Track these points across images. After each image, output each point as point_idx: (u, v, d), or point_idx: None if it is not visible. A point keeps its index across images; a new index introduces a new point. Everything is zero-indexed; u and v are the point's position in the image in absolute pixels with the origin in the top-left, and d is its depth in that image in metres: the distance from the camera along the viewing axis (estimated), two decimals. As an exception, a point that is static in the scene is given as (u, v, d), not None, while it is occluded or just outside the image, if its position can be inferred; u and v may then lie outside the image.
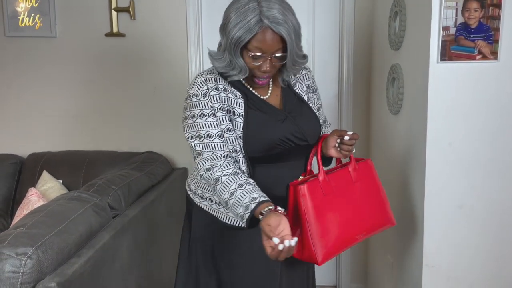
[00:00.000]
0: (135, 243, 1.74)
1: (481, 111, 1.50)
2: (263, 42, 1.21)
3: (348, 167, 1.40)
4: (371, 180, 1.43)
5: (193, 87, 1.31)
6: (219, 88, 1.31)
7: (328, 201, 1.32)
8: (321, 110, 1.53)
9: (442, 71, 1.48)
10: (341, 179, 1.37)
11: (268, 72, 1.28)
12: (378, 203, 1.43)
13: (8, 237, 1.19)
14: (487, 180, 1.53)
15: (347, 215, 1.34)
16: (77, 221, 1.41)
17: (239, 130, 1.31)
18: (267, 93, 1.39)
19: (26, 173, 2.41)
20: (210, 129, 1.28)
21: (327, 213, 1.30)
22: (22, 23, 2.51)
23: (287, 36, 1.21)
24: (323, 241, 1.27)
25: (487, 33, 1.46)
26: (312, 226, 1.26)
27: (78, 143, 2.58)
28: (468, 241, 1.56)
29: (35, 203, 2.01)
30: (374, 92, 2.30)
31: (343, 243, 1.33)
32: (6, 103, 2.60)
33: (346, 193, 1.36)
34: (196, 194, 1.43)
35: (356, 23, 2.39)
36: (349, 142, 1.32)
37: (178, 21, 2.46)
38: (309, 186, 1.28)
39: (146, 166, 2.21)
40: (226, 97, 1.31)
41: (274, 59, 1.25)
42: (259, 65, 1.25)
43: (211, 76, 1.32)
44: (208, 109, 1.28)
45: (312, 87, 1.50)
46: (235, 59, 1.25)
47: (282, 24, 1.19)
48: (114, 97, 2.55)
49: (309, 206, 1.27)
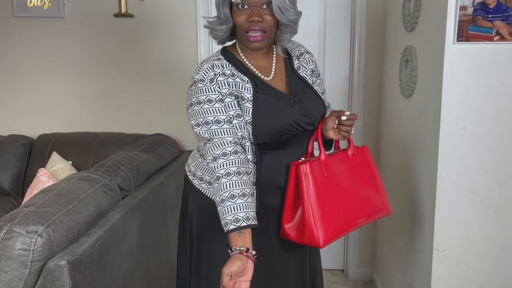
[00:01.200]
0: (144, 223, 1.75)
1: (497, 94, 1.46)
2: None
3: (347, 151, 1.39)
4: (368, 166, 1.42)
5: (199, 73, 1.28)
6: (226, 74, 1.29)
7: (329, 182, 1.30)
8: (324, 95, 1.50)
9: (458, 52, 1.44)
10: (341, 162, 1.36)
11: (257, 23, 1.25)
12: (376, 190, 1.41)
13: (19, 215, 1.19)
14: (500, 165, 1.50)
15: (347, 198, 1.33)
16: (87, 201, 1.42)
17: (248, 115, 1.27)
18: (270, 74, 1.36)
19: (36, 154, 2.43)
20: (218, 114, 1.23)
21: (329, 194, 1.29)
22: (30, 3, 2.49)
23: None
24: (325, 223, 1.26)
25: (506, 13, 1.41)
26: (314, 206, 1.25)
27: (88, 125, 2.58)
28: (480, 226, 1.54)
29: (45, 183, 2.02)
30: (386, 74, 2.26)
31: (344, 226, 1.31)
32: (15, 84, 2.60)
33: (347, 176, 1.35)
34: (196, 176, 1.41)
35: (369, 4, 2.34)
36: (347, 122, 1.29)
37: (187, 2, 2.42)
38: (311, 165, 1.27)
39: (154, 148, 2.21)
40: (234, 82, 1.29)
41: (263, 9, 1.24)
42: (247, 15, 1.25)
43: (217, 62, 1.30)
44: (215, 94, 1.25)
45: (315, 71, 1.46)
46: (220, 10, 1.27)
47: None
48: (123, 78, 2.54)
49: (311, 185, 1.26)
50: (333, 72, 2.46)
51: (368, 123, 2.43)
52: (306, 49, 1.47)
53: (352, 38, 2.41)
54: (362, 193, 1.37)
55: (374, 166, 1.44)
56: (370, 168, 1.42)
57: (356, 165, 1.38)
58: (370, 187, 1.40)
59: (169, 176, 2.10)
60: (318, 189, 1.27)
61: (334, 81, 2.45)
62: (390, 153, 2.17)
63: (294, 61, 1.40)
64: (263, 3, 1.24)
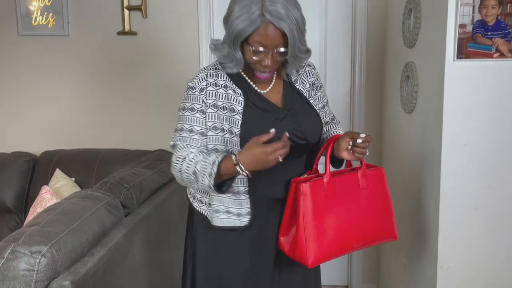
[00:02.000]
0: (147, 241, 1.75)
1: (498, 110, 1.47)
2: (265, 36, 1.19)
3: (358, 173, 1.35)
4: (380, 190, 1.38)
5: (194, 80, 1.32)
6: (219, 84, 1.31)
7: (329, 203, 1.29)
8: (326, 107, 1.50)
9: (458, 69, 1.45)
10: (347, 184, 1.33)
11: (269, 67, 1.26)
12: (384, 215, 1.38)
13: (23, 235, 1.20)
14: (503, 181, 1.50)
15: (347, 221, 1.30)
16: (90, 220, 1.42)
17: (236, 128, 1.28)
18: (267, 87, 1.36)
19: (39, 171, 2.44)
20: (194, 124, 1.29)
21: (326, 216, 1.28)
22: (35, 21, 2.53)
23: (289, 31, 1.18)
24: (317, 244, 1.25)
25: (505, 30, 1.43)
26: (308, 227, 1.24)
27: (91, 141, 2.59)
28: (484, 243, 1.53)
29: (48, 201, 2.02)
30: (388, 90, 2.27)
31: (338, 249, 1.30)
32: (19, 101, 2.63)
33: (350, 199, 1.33)
34: (195, 198, 1.42)
35: (369, 20, 2.36)
36: (362, 145, 1.28)
37: (189, 20, 2.45)
38: (312, 185, 1.26)
39: (157, 164, 2.21)
40: (225, 94, 1.30)
41: (276, 54, 1.23)
42: (261, 60, 1.24)
43: (213, 71, 1.33)
44: (199, 104, 1.29)
45: (316, 84, 1.45)
46: (233, 51, 1.24)
47: (284, 20, 1.17)
48: (126, 95, 2.56)
49: (308, 206, 1.25)
50: (334, 87, 2.48)
51: (370, 138, 2.44)
52: (308, 61, 1.46)
53: (353, 53, 2.43)
54: (365, 217, 1.34)
55: (386, 190, 1.40)
56: (382, 191, 1.38)
57: (366, 187, 1.35)
58: (376, 211, 1.36)
59: (172, 193, 2.10)
60: (315, 209, 1.26)
61: (336, 96, 2.47)
62: (392, 169, 2.17)
63: (292, 75, 1.40)
64: (278, 45, 1.21)
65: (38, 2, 2.51)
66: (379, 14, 2.34)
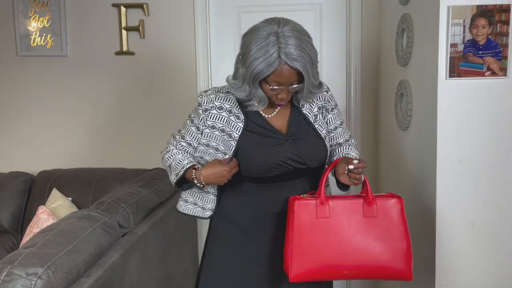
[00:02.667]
0: (144, 261, 1.74)
1: (491, 127, 1.49)
2: (281, 76, 1.24)
3: (362, 200, 1.33)
4: (394, 222, 1.30)
5: (203, 98, 1.40)
6: (224, 108, 1.38)
7: (320, 224, 1.29)
8: (340, 129, 1.50)
9: (451, 87, 1.48)
10: (346, 208, 1.31)
11: (285, 100, 1.33)
12: (396, 250, 1.29)
13: (19, 257, 1.19)
14: (498, 197, 1.51)
15: (338, 246, 1.28)
16: (86, 240, 1.42)
17: (230, 151, 1.38)
18: (273, 111, 1.41)
19: (36, 190, 2.43)
20: (187, 134, 1.44)
21: (315, 236, 1.29)
22: (34, 42, 2.56)
23: (304, 70, 1.24)
24: (301, 261, 1.28)
25: (496, 49, 1.46)
26: (294, 242, 1.29)
27: (88, 160, 2.60)
28: (481, 259, 1.53)
29: (45, 221, 2.01)
30: (383, 107, 2.30)
31: (325, 271, 1.29)
32: (17, 121, 2.64)
33: (350, 224, 1.30)
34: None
35: (363, 39, 2.40)
36: (355, 170, 1.29)
37: (187, 40, 2.49)
38: (303, 203, 1.31)
39: (154, 183, 2.21)
40: (227, 119, 1.38)
41: (291, 88, 1.29)
42: (276, 94, 1.30)
43: (223, 94, 1.39)
44: (198, 120, 1.40)
45: (327, 106, 1.46)
46: (254, 90, 1.29)
47: (298, 60, 1.22)
48: (123, 114, 2.58)
49: (295, 222, 1.30)
50: (330, 105, 2.50)
51: (365, 156, 2.45)
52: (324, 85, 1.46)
53: (348, 71, 2.46)
54: (366, 247, 1.29)
55: (401, 223, 1.31)
56: (393, 223, 1.31)
57: (372, 216, 1.31)
58: (385, 244, 1.30)
59: (169, 211, 2.10)
60: (304, 228, 1.29)
61: (332, 114, 2.48)
62: (388, 186, 2.18)
63: (300, 98, 1.41)
64: (293, 82, 1.28)
65: (37, 23, 2.54)
66: (373, 33, 2.38)
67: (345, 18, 2.44)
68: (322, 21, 2.46)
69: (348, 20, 2.42)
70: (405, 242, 1.30)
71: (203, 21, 2.45)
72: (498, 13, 1.44)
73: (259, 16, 1.53)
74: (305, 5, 2.44)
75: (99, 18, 2.52)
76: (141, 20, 2.48)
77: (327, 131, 1.46)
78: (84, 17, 2.53)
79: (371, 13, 2.38)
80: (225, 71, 2.54)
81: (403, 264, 1.30)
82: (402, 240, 1.30)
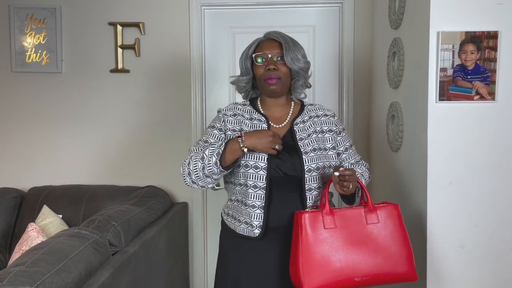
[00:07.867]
0: (134, 280, 1.72)
1: (481, 150, 1.52)
2: (263, 47, 1.51)
3: (363, 208, 1.40)
4: (393, 227, 1.39)
5: (225, 107, 1.59)
6: (245, 116, 1.54)
7: (328, 235, 1.34)
8: (350, 150, 1.60)
9: (441, 110, 1.51)
10: (350, 218, 1.38)
11: (273, 71, 1.48)
12: (399, 253, 1.38)
13: (8, 276, 1.18)
14: (488, 219, 1.53)
15: (349, 255, 1.34)
16: (76, 259, 1.40)
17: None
18: (281, 123, 1.54)
19: (26, 207, 2.40)
20: (210, 137, 1.53)
21: (325, 247, 1.33)
22: (29, 59, 2.57)
23: (282, 38, 1.49)
24: (314, 273, 1.30)
25: (484, 74, 1.49)
26: (305, 255, 1.31)
27: (80, 177, 2.58)
28: (472, 281, 1.53)
29: (34, 238, 1.99)
30: (374, 128, 2.32)
31: (340, 281, 1.33)
32: (9, 137, 2.63)
33: (355, 232, 1.36)
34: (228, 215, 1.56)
35: (355, 61, 2.45)
36: (341, 178, 1.36)
37: (182, 59, 2.51)
38: (310, 216, 1.34)
39: (146, 201, 2.20)
40: (250, 124, 1.52)
41: (278, 61, 1.48)
42: (265, 66, 1.49)
43: (242, 106, 1.58)
44: (220, 124, 1.54)
45: (335, 130, 1.57)
46: (242, 64, 1.54)
47: (277, 34, 1.51)
48: (116, 131, 2.58)
49: (304, 235, 1.32)
50: (323, 125, 2.52)
51: (358, 174, 2.47)
52: (328, 112, 1.61)
53: (340, 93, 2.50)
54: (374, 253, 1.36)
55: (400, 227, 1.40)
56: (395, 228, 1.39)
57: (374, 223, 1.38)
58: (389, 248, 1.37)
59: (160, 230, 2.08)
60: (313, 239, 1.33)
61: (324, 133, 2.51)
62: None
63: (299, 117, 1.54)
64: (277, 55, 1.49)
65: (32, 40, 2.56)
66: (365, 55, 2.43)
67: (338, 40, 2.49)
68: (315, 42, 2.50)
69: (341, 42, 2.47)
70: (406, 245, 1.39)
71: (198, 40, 2.49)
72: (486, 39, 1.48)
73: (253, 37, 1.58)
74: (298, 27, 2.49)
75: (95, 36, 2.54)
76: (137, 38, 2.51)
77: (338, 153, 1.57)
78: (80, 35, 2.55)
79: (363, 36, 2.43)
80: (219, 89, 2.57)
81: (407, 266, 1.38)
82: (403, 243, 1.39)
